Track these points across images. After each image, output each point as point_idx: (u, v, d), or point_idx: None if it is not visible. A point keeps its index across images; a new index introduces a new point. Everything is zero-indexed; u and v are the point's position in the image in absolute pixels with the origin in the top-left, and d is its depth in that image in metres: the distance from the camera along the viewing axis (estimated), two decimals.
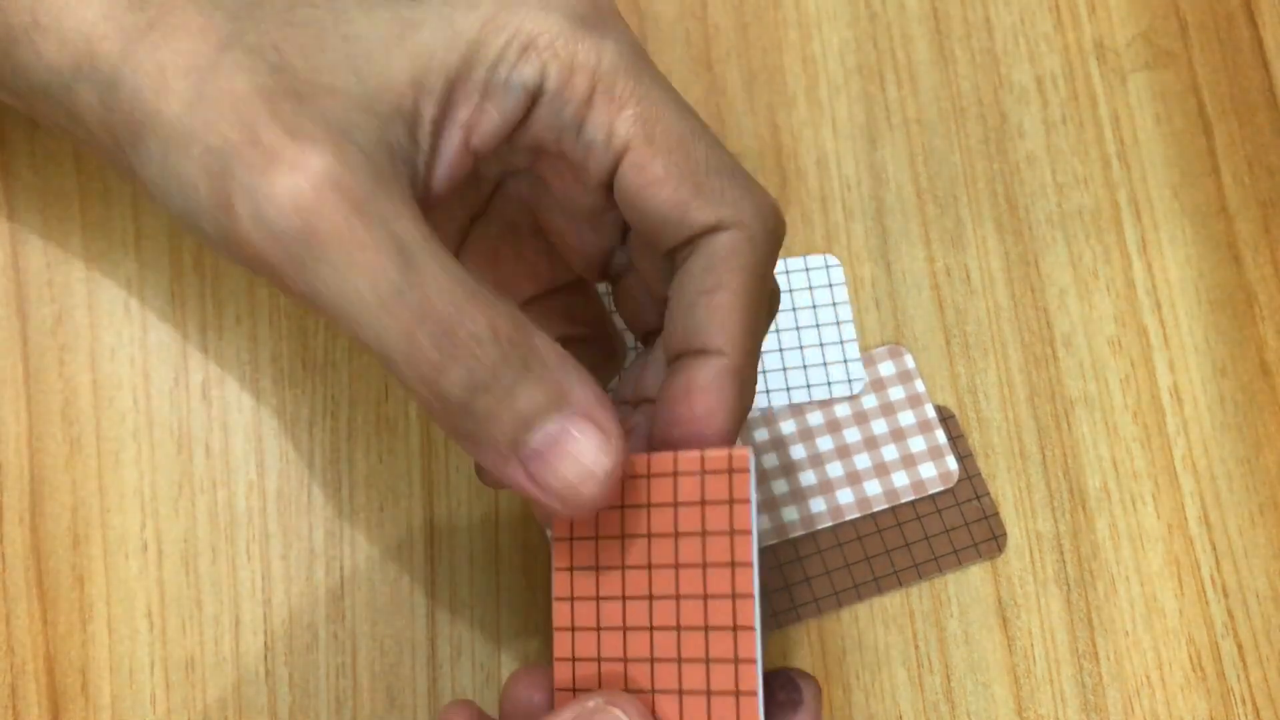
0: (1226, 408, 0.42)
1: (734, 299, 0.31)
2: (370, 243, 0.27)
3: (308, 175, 0.27)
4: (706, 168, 0.31)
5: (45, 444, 0.40)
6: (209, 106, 0.29)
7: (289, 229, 0.27)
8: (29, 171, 0.42)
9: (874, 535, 0.41)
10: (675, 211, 0.31)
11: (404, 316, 0.27)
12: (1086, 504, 0.41)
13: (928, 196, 0.44)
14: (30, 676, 0.38)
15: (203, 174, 0.29)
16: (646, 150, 0.31)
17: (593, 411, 0.28)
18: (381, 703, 0.38)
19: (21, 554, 0.39)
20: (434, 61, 0.30)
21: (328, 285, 0.27)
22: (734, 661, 0.28)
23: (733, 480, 0.29)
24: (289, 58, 0.30)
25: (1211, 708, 0.39)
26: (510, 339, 0.28)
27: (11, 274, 0.41)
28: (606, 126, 0.31)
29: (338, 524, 0.40)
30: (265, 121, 0.28)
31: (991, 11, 0.46)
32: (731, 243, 0.31)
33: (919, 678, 0.39)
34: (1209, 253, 0.44)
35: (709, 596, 0.29)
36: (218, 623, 0.39)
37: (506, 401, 0.28)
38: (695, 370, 0.30)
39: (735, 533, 0.29)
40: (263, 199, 0.27)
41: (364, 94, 0.30)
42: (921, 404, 0.42)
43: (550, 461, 0.28)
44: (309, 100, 0.29)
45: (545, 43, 0.30)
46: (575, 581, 0.31)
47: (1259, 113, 0.45)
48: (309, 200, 0.27)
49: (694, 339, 0.31)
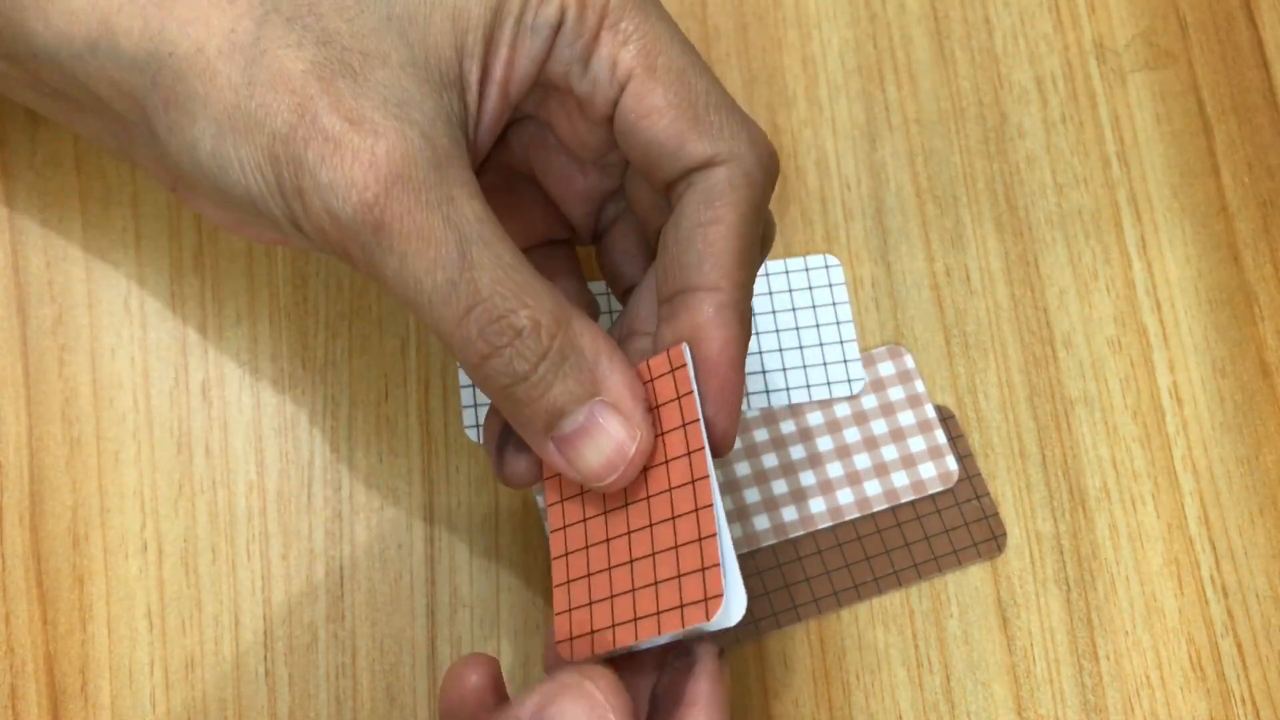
0: (1226, 408, 0.42)
1: (729, 232, 0.32)
2: (431, 235, 0.29)
3: (373, 164, 0.29)
4: (706, 101, 0.32)
5: (45, 444, 0.40)
6: (264, 90, 0.29)
7: (357, 218, 0.29)
8: (29, 171, 0.42)
9: (874, 535, 0.41)
10: (672, 142, 0.32)
11: (457, 306, 0.29)
12: (1086, 504, 0.41)
13: (927, 196, 0.44)
14: (30, 676, 0.38)
15: (269, 161, 0.29)
16: (648, 80, 0.32)
17: (621, 402, 0.31)
18: (381, 703, 0.38)
19: (21, 554, 0.39)
20: (470, 20, 0.31)
21: (393, 271, 0.29)
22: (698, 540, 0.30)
23: (675, 377, 0.31)
24: (330, 23, 0.30)
25: (1211, 707, 0.39)
26: (550, 332, 0.30)
27: (11, 274, 0.41)
28: (611, 59, 0.32)
29: (338, 524, 0.40)
30: (327, 105, 0.29)
31: (991, 11, 0.46)
32: (728, 177, 0.32)
33: (919, 677, 0.39)
34: (1209, 253, 0.44)
35: (673, 488, 0.31)
36: (218, 623, 0.39)
37: (543, 392, 0.30)
38: (698, 309, 0.31)
39: (686, 424, 0.31)
40: (330, 191, 0.29)
41: (414, 62, 0.30)
42: (921, 404, 0.42)
43: (580, 446, 0.30)
44: (363, 75, 0.29)
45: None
46: (569, 537, 0.33)
47: (1259, 113, 0.45)
48: (375, 195, 0.29)
49: (690, 274, 0.32)
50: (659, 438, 0.31)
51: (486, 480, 0.40)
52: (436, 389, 0.41)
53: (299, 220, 0.30)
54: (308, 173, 0.29)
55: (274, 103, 0.29)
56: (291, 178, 0.29)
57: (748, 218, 0.32)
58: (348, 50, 0.30)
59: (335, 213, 0.29)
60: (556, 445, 0.31)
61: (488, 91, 0.32)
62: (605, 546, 0.32)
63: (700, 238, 0.32)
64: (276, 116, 0.29)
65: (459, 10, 0.31)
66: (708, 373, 0.31)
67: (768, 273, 0.43)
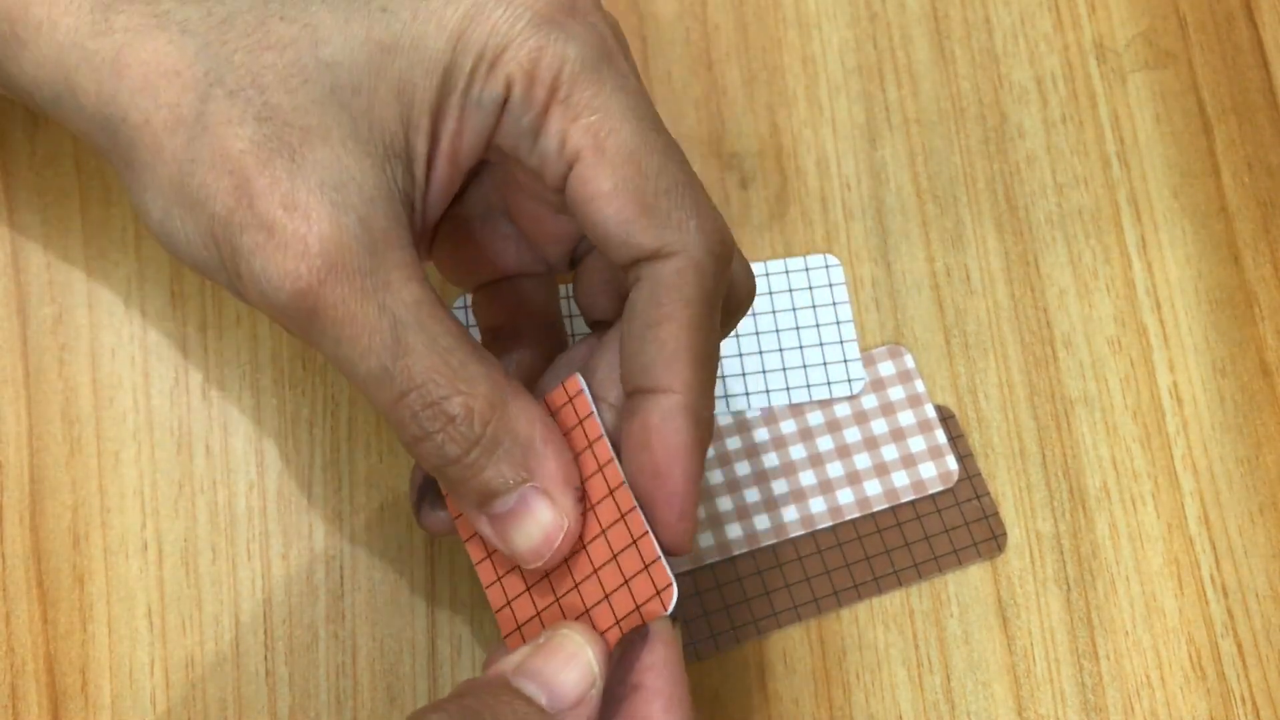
0: (1226, 408, 0.42)
1: (680, 332, 0.31)
2: (365, 323, 0.29)
3: (306, 258, 0.29)
4: (655, 186, 0.31)
5: (45, 444, 0.40)
6: (204, 169, 0.29)
7: (290, 307, 0.29)
8: (29, 171, 0.42)
9: (874, 535, 0.41)
10: (620, 230, 0.31)
11: (391, 391, 0.30)
12: (1086, 504, 0.41)
13: (928, 196, 0.44)
14: (30, 676, 0.38)
15: (210, 239, 0.30)
16: (596, 163, 0.30)
17: (552, 487, 0.31)
18: (381, 703, 0.38)
19: (21, 554, 0.39)
20: (416, 93, 0.30)
21: (329, 352, 0.30)
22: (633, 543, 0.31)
23: (575, 404, 0.32)
24: (272, 96, 0.29)
25: (1211, 707, 0.39)
26: (484, 418, 0.30)
27: (11, 274, 0.41)
28: (560, 135, 0.30)
29: (338, 524, 0.40)
30: (262, 189, 0.29)
31: (991, 11, 0.46)
32: (676, 271, 0.31)
33: (919, 677, 0.39)
34: (1209, 253, 0.44)
35: (594, 505, 0.32)
36: (218, 622, 0.39)
37: (475, 474, 0.30)
38: (648, 413, 0.31)
39: (592, 443, 0.32)
40: (264, 279, 0.29)
41: (356, 136, 0.30)
42: (921, 404, 0.42)
43: (509, 528, 0.31)
44: (302, 154, 0.29)
45: (510, 54, 0.30)
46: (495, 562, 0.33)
47: (1259, 113, 0.45)
48: (307, 284, 0.29)
49: (644, 376, 0.31)
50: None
51: None
52: None
53: (242, 297, 0.31)
54: (243, 259, 0.29)
55: (213, 184, 0.29)
56: (230, 261, 0.30)
57: (699, 311, 0.31)
58: (288, 126, 0.29)
59: (269, 299, 0.29)
60: (489, 522, 0.31)
61: (436, 163, 0.31)
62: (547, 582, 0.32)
63: (652, 338, 0.31)
64: (215, 199, 0.29)
65: (404, 83, 0.30)
66: (657, 477, 0.31)
67: (768, 273, 0.43)
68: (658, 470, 0.31)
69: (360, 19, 0.30)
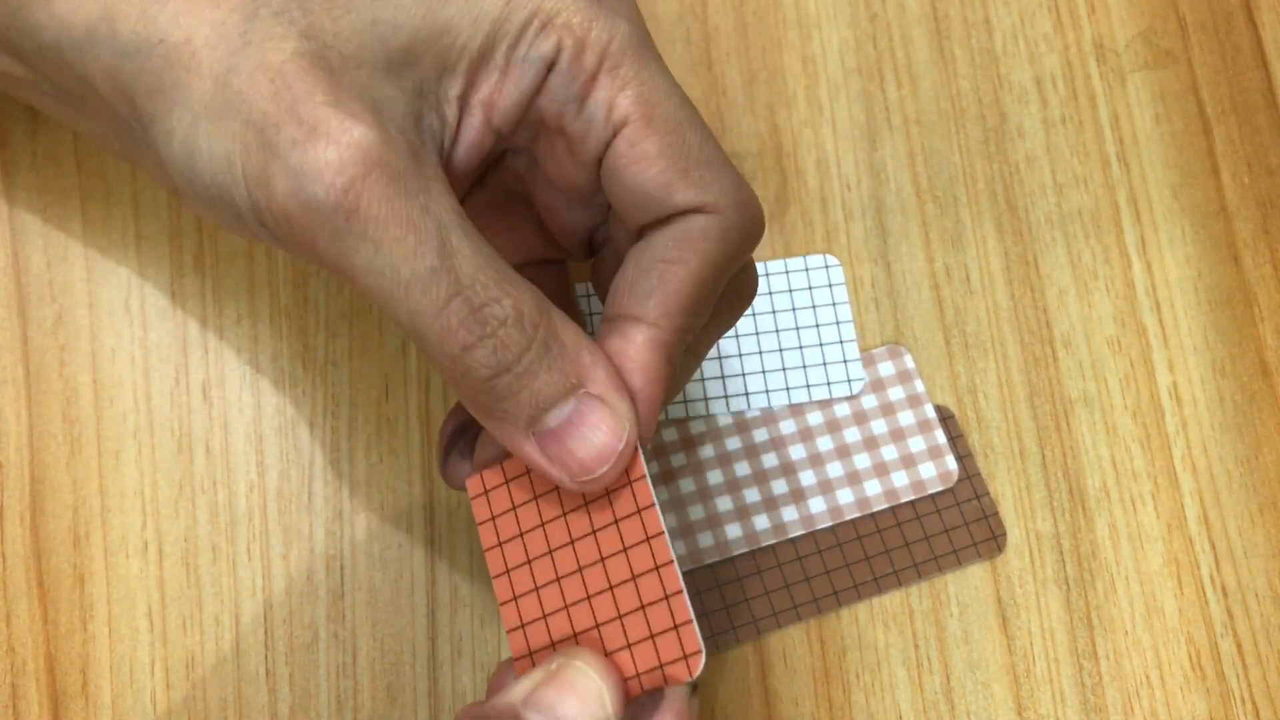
0: (1226, 408, 0.42)
1: (688, 276, 0.31)
2: (410, 221, 0.28)
3: (350, 148, 0.28)
4: (699, 155, 0.31)
5: (46, 444, 0.40)
6: (243, 79, 0.29)
7: (330, 202, 0.28)
8: (29, 171, 0.42)
9: (874, 535, 0.41)
10: (660, 190, 0.31)
11: (438, 295, 0.28)
12: (1086, 504, 0.41)
13: (927, 196, 0.44)
14: (30, 676, 0.38)
15: (239, 147, 0.29)
16: (643, 128, 0.31)
17: (607, 394, 0.30)
18: (381, 703, 0.38)
19: (22, 554, 0.39)
20: (459, 40, 0.31)
21: (366, 260, 0.28)
22: (665, 599, 0.30)
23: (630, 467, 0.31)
24: (316, 19, 0.30)
25: (1211, 707, 0.39)
26: (534, 322, 0.29)
27: (11, 274, 0.41)
28: (608, 103, 0.31)
29: (338, 524, 0.40)
30: (304, 93, 0.29)
31: (991, 11, 0.46)
32: (705, 225, 0.31)
33: (918, 677, 0.39)
34: (1208, 253, 0.44)
35: (628, 549, 0.30)
36: (218, 622, 0.39)
37: (527, 383, 0.29)
38: (631, 338, 0.31)
39: (633, 481, 0.30)
40: (305, 171, 0.28)
41: (390, 66, 0.30)
42: (921, 404, 0.42)
43: (565, 441, 0.30)
44: (340, 72, 0.29)
45: (563, 19, 0.31)
46: (514, 580, 0.32)
47: (1259, 113, 0.45)
48: (352, 174, 0.28)
49: (635, 303, 0.31)
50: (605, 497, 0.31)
51: None
52: (436, 389, 0.41)
53: (262, 211, 0.29)
54: (279, 158, 0.28)
55: (251, 90, 0.29)
56: (259, 165, 0.29)
57: (711, 268, 0.31)
58: (329, 48, 0.30)
59: (307, 198, 0.28)
60: (539, 441, 0.30)
61: (470, 111, 0.32)
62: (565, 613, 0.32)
63: (658, 272, 0.31)
64: (252, 104, 0.29)
65: (448, 28, 0.30)
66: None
67: (768, 273, 0.43)
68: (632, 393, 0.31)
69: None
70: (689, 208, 0.31)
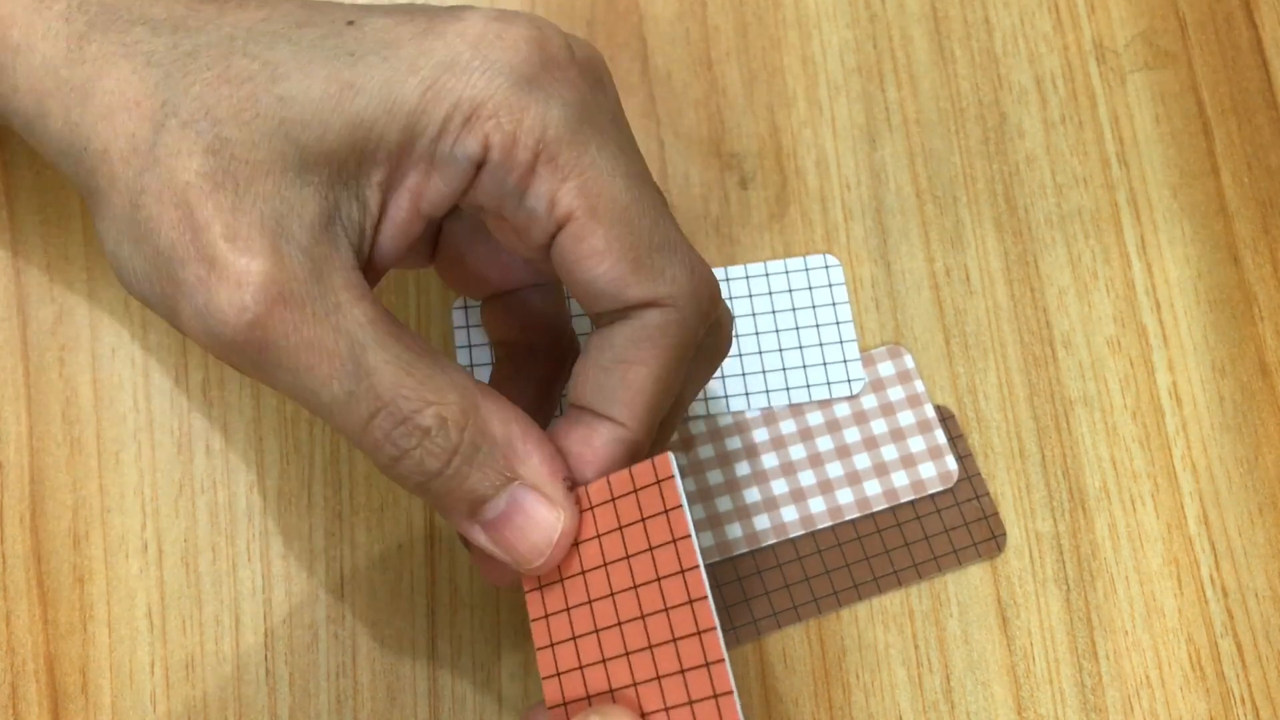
0: (1226, 408, 0.42)
1: (649, 377, 0.31)
2: (320, 348, 0.29)
3: (251, 288, 0.28)
4: (649, 243, 0.31)
5: (45, 444, 0.40)
6: (152, 202, 0.29)
7: (239, 340, 0.28)
8: (29, 171, 0.42)
9: (874, 535, 0.41)
10: (612, 286, 0.31)
11: (358, 415, 0.29)
12: (1086, 504, 0.41)
13: (927, 196, 0.44)
14: (30, 676, 0.38)
15: (154, 274, 0.29)
16: (588, 222, 0.30)
17: (541, 483, 0.30)
18: (381, 702, 0.38)
19: (22, 554, 0.39)
20: (374, 131, 0.30)
21: (287, 385, 0.29)
22: (705, 666, 0.29)
23: (662, 490, 0.30)
24: (224, 129, 0.29)
25: (1211, 707, 0.39)
26: (459, 425, 0.29)
27: (11, 274, 0.41)
28: (549, 196, 0.30)
29: (338, 524, 0.40)
30: (204, 223, 0.29)
31: (991, 12, 0.46)
32: (661, 321, 0.31)
33: (918, 677, 0.39)
34: (1208, 253, 0.44)
35: (669, 609, 0.30)
36: (218, 623, 0.39)
37: (459, 483, 0.30)
38: (596, 434, 0.31)
39: (677, 540, 0.30)
40: (210, 312, 0.28)
41: (301, 165, 0.29)
42: (921, 404, 0.42)
43: (505, 531, 0.30)
44: (246, 188, 0.29)
45: (488, 112, 0.30)
46: (552, 627, 0.32)
47: (1259, 113, 0.45)
48: (255, 312, 0.28)
49: (601, 400, 0.31)
50: (648, 553, 0.30)
51: None
52: None
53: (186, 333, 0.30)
54: (185, 296, 0.29)
55: (158, 215, 0.29)
56: (171, 298, 0.29)
57: (672, 363, 0.31)
58: (235, 160, 0.29)
59: (215, 335, 0.29)
60: (484, 531, 0.31)
61: (396, 197, 0.31)
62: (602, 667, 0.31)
63: (620, 374, 0.31)
64: (159, 232, 0.29)
65: (362, 120, 0.30)
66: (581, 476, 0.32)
67: (767, 273, 0.43)
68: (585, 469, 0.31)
69: (324, 61, 0.30)
70: (642, 303, 0.31)
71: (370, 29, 0.30)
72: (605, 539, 0.31)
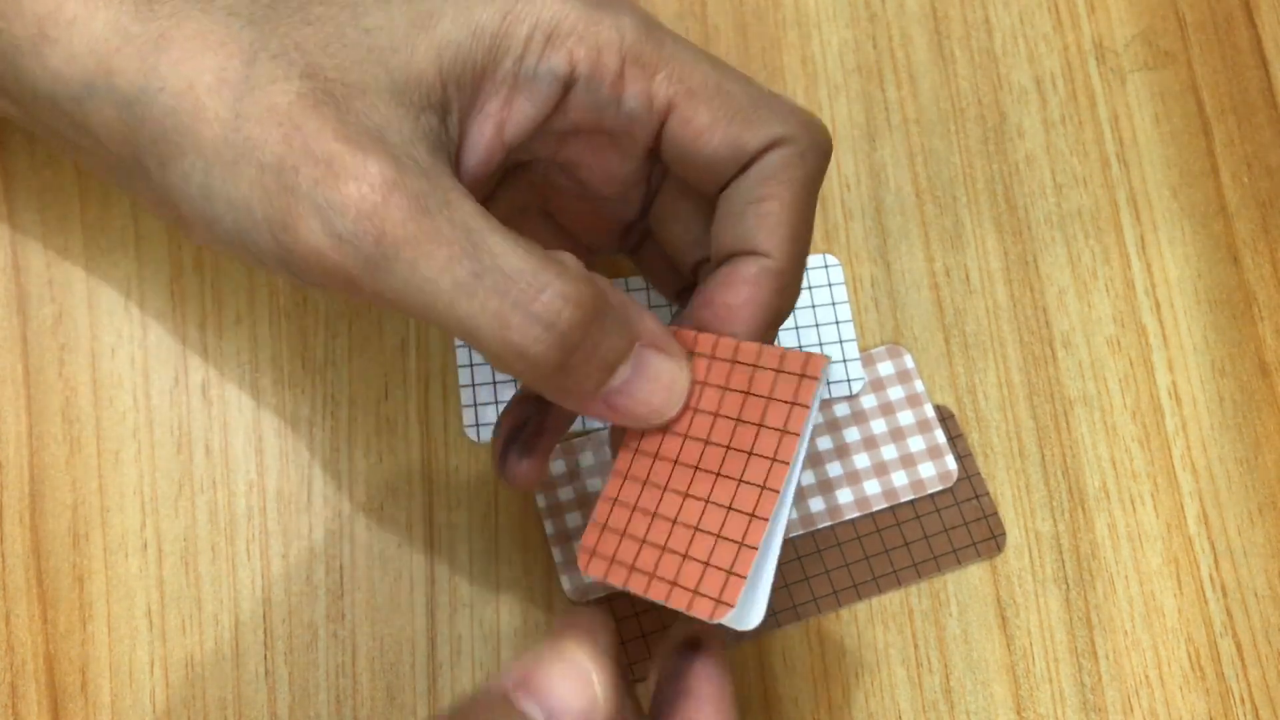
0: (1225, 407, 0.42)
1: (783, 208, 0.32)
2: (441, 236, 0.29)
3: (370, 183, 0.29)
4: (752, 102, 0.33)
5: (45, 443, 0.40)
6: (252, 124, 0.29)
7: (361, 235, 0.29)
8: (29, 171, 0.42)
9: (873, 535, 0.41)
10: (731, 149, 0.32)
11: (487, 298, 0.29)
12: (1085, 503, 0.41)
13: (927, 196, 0.44)
14: (30, 676, 0.38)
15: (258, 192, 0.30)
16: (690, 104, 0.32)
17: (659, 341, 0.31)
18: (381, 702, 0.38)
19: (21, 553, 0.39)
20: (459, 52, 0.31)
21: (407, 283, 0.29)
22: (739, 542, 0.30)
23: (800, 384, 0.31)
24: (314, 57, 0.30)
25: (1210, 707, 0.39)
26: (585, 296, 0.30)
27: (11, 274, 0.41)
28: (645, 94, 0.32)
29: (338, 524, 0.40)
30: (314, 132, 0.29)
31: (991, 12, 0.46)
32: (783, 157, 0.32)
33: (918, 677, 0.39)
34: (1208, 253, 0.44)
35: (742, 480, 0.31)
36: (218, 622, 0.39)
37: (591, 354, 0.30)
38: (740, 265, 0.32)
39: (785, 432, 0.31)
40: (332, 210, 0.29)
41: (393, 87, 0.30)
42: (920, 404, 0.42)
43: (634, 392, 0.31)
44: (345, 104, 0.30)
45: (568, 29, 0.31)
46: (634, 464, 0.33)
47: (1258, 113, 0.45)
48: (377, 206, 0.29)
49: (741, 243, 0.33)
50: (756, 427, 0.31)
51: (486, 480, 0.40)
52: (436, 389, 0.41)
53: (288, 251, 0.30)
54: (302, 198, 0.29)
55: (261, 135, 0.29)
56: (282, 208, 0.29)
57: (801, 195, 0.33)
58: (330, 81, 0.30)
59: (337, 232, 0.29)
60: (607, 400, 0.31)
61: (476, 124, 0.32)
62: (660, 493, 0.32)
63: (754, 212, 0.32)
64: (264, 148, 0.29)
65: (445, 43, 0.31)
66: (729, 318, 0.32)
67: None
68: (731, 313, 0.32)
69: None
70: (762, 148, 0.32)
71: None
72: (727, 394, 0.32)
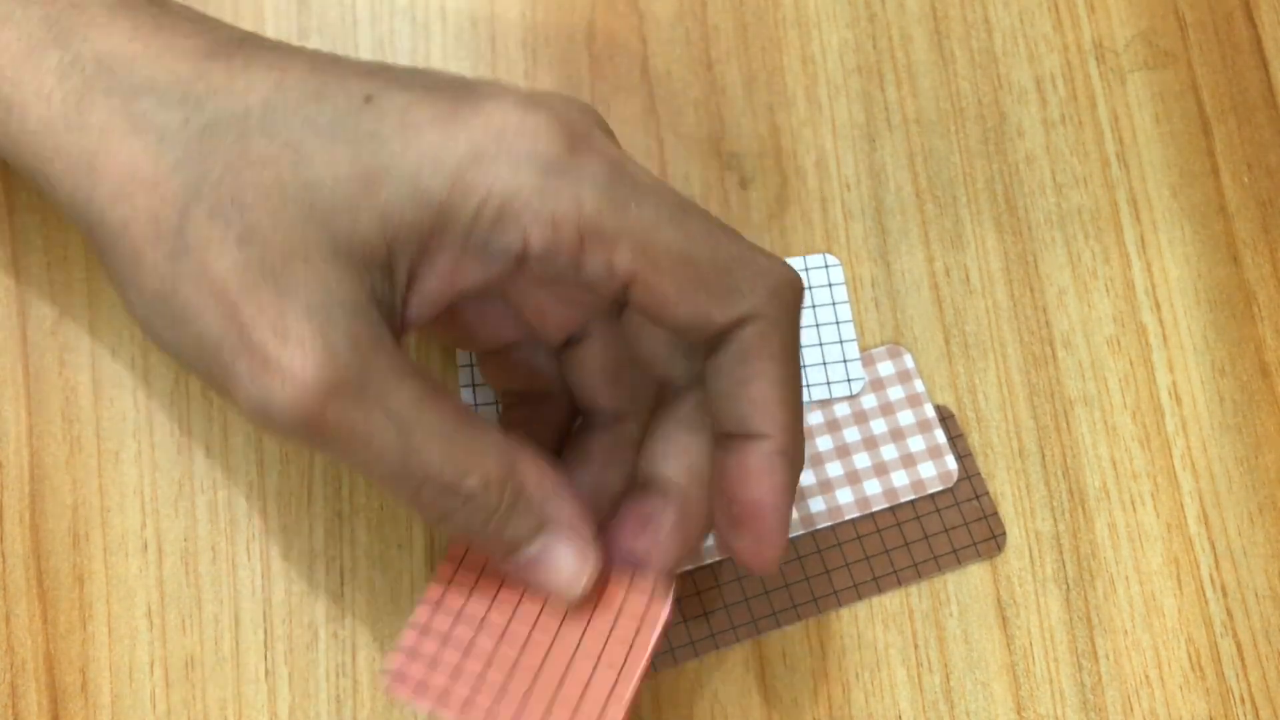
0: (1225, 408, 0.42)
1: (770, 387, 0.32)
2: (371, 434, 0.30)
3: (306, 383, 0.29)
4: (716, 268, 0.31)
5: (45, 443, 0.40)
6: (190, 288, 0.29)
7: (294, 427, 0.29)
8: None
9: (873, 535, 0.41)
10: (698, 321, 0.31)
11: (408, 485, 0.31)
12: (1086, 503, 0.41)
13: (927, 196, 0.44)
14: (30, 676, 0.38)
15: (198, 351, 0.30)
16: (653, 276, 0.30)
17: (571, 530, 0.32)
18: (381, 702, 0.38)
19: (21, 553, 0.39)
20: (404, 221, 0.30)
21: (338, 458, 0.31)
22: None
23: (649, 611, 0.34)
24: (252, 217, 0.29)
25: (1210, 707, 0.39)
26: (500, 484, 0.31)
27: (11, 274, 0.41)
28: (605, 264, 0.30)
29: (338, 523, 0.40)
30: (250, 319, 0.29)
31: (991, 11, 0.46)
32: (757, 334, 0.31)
33: (918, 677, 0.39)
34: (1208, 253, 0.44)
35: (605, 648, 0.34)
36: (217, 622, 0.39)
37: (499, 532, 0.32)
38: (747, 454, 0.32)
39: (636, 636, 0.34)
40: (266, 402, 0.29)
41: (336, 250, 0.30)
42: (921, 404, 0.42)
43: (538, 571, 0.33)
44: (285, 277, 0.29)
45: (520, 205, 0.29)
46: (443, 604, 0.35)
47: (1258, 113, 0.45)
48: (309, 410, 0.29)
49: (740, 427, 0.32)
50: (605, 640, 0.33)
51: None
52: None
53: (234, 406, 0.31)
54: (239, 384, 0.29)
55: (199, 305, 0.29)
56: (219, 377, 0.30)
57: (784, 365, 0.32)
58: (269, 248, 0.29)
59: (271, 420, 0.29)
60: (515, 568, 0.33)
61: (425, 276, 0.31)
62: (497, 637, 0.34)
63: (744, 396, 0.32)
64: (201, 318, 0.29)
65: (390, 210, 0.30)
66: (749, 516, 0.32)
67: None
68: (757, 508, 0.32)
69: (346, 143, 0.30)
70: (731, 325, 0.31)
71: (390, 108, 0.30)
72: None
